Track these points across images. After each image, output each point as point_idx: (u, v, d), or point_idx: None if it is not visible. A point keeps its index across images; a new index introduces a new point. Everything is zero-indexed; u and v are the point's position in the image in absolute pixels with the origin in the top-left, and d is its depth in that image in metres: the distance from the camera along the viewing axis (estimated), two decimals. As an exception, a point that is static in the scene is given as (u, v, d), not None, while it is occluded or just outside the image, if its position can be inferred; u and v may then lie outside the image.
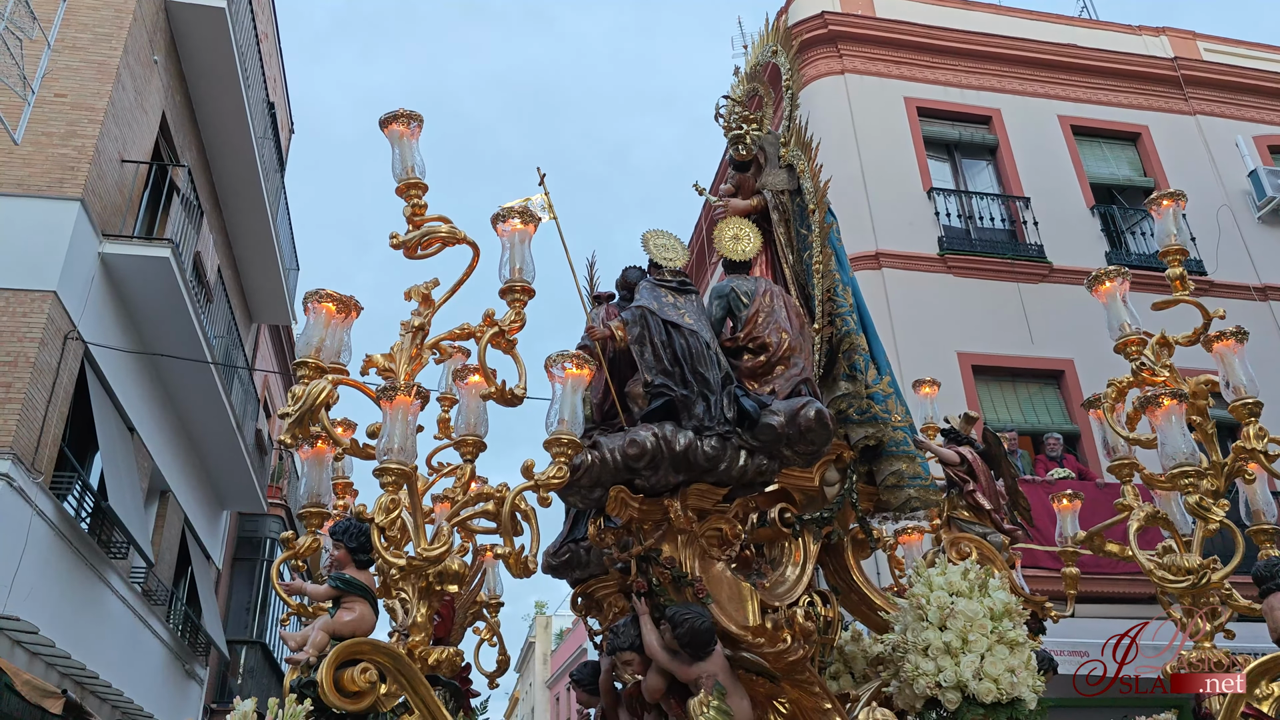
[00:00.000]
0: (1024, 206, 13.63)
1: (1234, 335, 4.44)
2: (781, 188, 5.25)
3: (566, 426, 3.76)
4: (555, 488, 3.72)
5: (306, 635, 3.38)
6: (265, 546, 18.40)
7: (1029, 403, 12.40)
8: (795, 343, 4.60)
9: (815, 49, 14.07)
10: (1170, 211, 4.55)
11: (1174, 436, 4.01)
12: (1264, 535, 4.63)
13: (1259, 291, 13.55)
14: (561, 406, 3.79)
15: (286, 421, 3.49)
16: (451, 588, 4.09)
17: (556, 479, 3.70)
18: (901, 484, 4.76)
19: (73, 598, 9.96)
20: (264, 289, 17.31)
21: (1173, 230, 4.51)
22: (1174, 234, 4.49)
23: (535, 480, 3.72)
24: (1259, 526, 4.66)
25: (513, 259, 3.94)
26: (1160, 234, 4.56)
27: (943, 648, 3.75)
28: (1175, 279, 4.48)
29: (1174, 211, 4.56)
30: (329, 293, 3.78)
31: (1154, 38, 15.89)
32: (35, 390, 9.17)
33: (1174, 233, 4.50)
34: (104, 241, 10.40)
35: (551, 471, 3.71)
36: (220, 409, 13.47)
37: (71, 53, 10.46)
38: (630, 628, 4.11)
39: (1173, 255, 4.48)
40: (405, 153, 4.06)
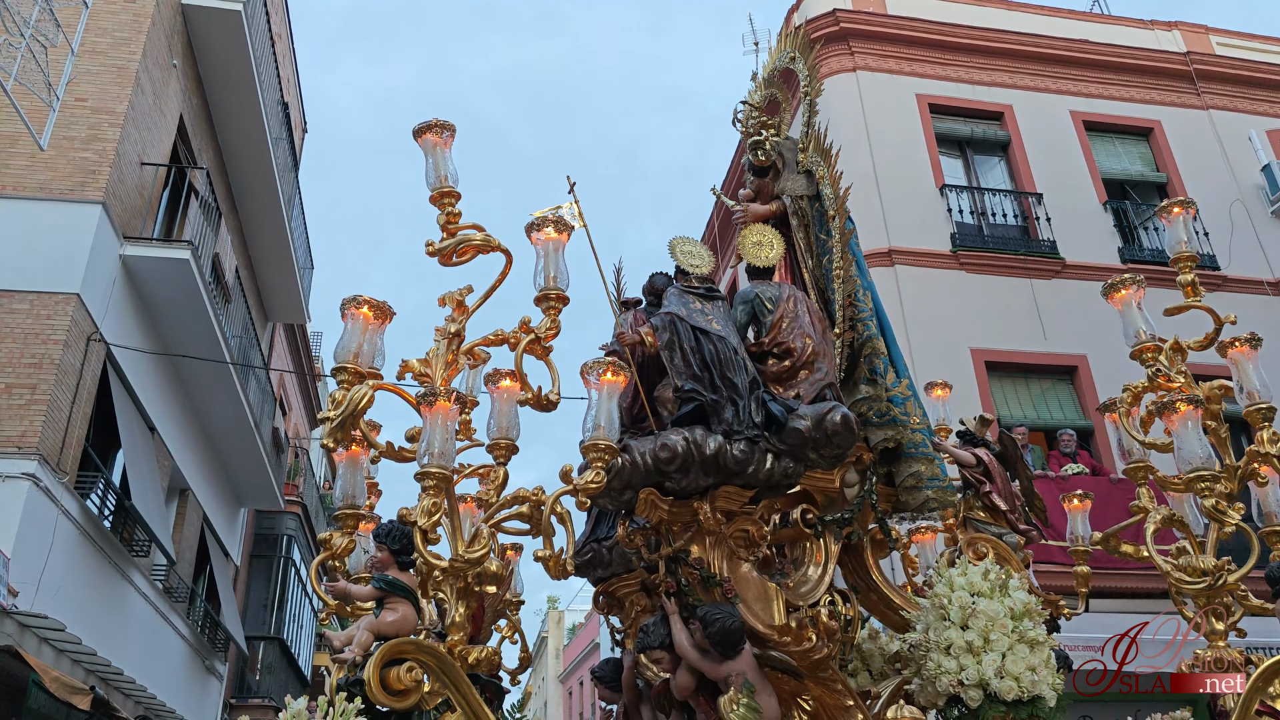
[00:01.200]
0: (1036, 202, 13.66)
1: (1248, 341, 4.51)
2: (800, 193, 5.33)
3: (603, 432, 3.83)
4: (593, 492, 3.80)
5: (351, 635, 3.48)
6: (282, 543, 18.57)
7: (1042, 398, 12.45)
8: (819, 347, 4.69)
9: (827, 46, 14.11)
10: (1181, 219, 4.62)
11: (1190, 441, 4.09)
12: (1276, 537, 4.69)
13: (1272, 286, 13.56)
14: (598, 413, 3.86)
15: (328, 426, 3.58)
16: (490, 588, 4.18)
17: (594, 484, 3.78)
18: (920, 485, 4.84)
19: (97, 595, 10.11)
20: (280, 288, 17.45)
21: (1183, 237, 4.59)
22: (1184, 241, 4.57)
23: (574, 485, 3.80)
24: (1271, 528, 4.73)
25: (547, 267, 4.03)
26: (1171, 241, 4.64)
27: (965, 646, 3.83)
28: (1186, 285, 4.55)
29: (1184, 219, 4.63)
30: (366, 299, 3.88)
31: (1166, 32, 15.87)
32: (60, 392, 9.30)
33: (1184, 240, 4.58)
34: (125, 244, 10.53)
35: (589, 477, 3.79)
36: (238, 408, 13.61)
37: (92, 57, 10.57)
38: (660, 626, 4.19)
39: (1184, 262, 4.56)
40: (439, 162, 4.14)
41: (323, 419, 3.67)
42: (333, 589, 4.03)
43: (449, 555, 3.71)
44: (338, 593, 4.00)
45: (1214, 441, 4.40)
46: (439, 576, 3.85)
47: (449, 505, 3.78)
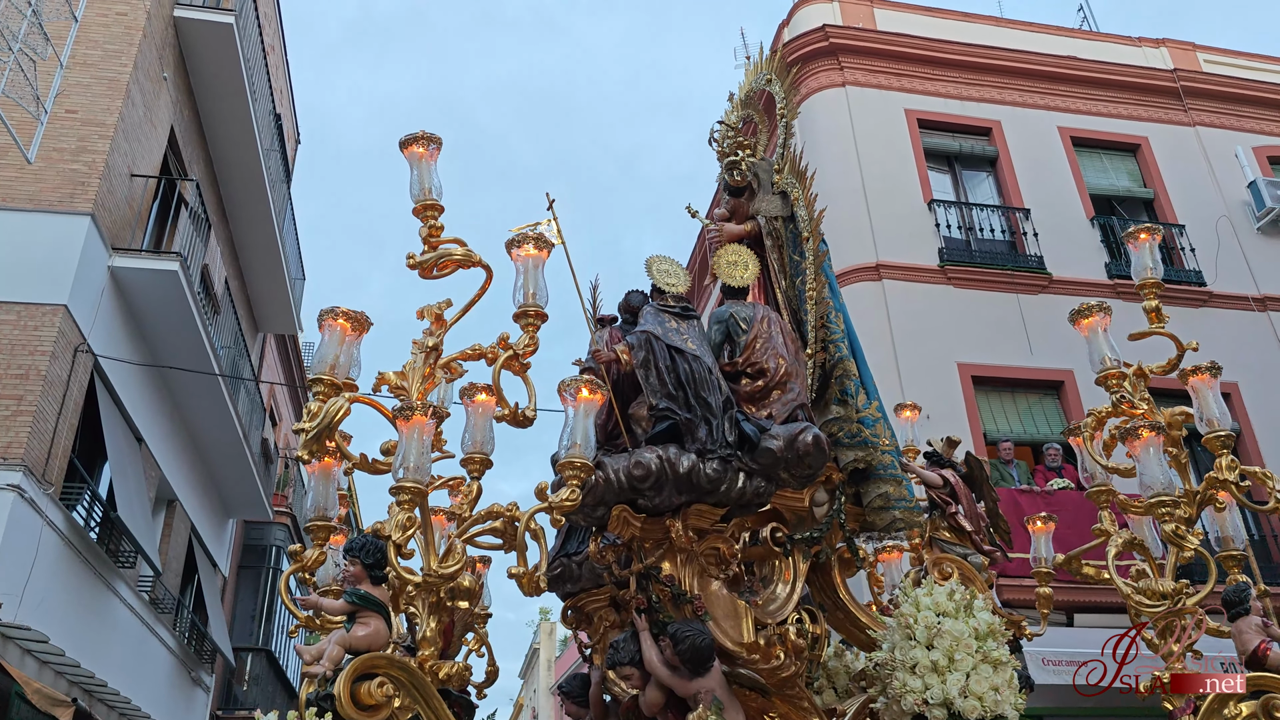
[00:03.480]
0: (1024, 218, 13.74)
1: (1208, 370, 4.60)
2: (775, 214, 5.38)
3: (579, 450, 3.85)
4: (568, 510, 3.82)
5: (322, 649, 3.49)
6: (270, 554, 18.54)
7: (1029, 413, 12.50)
8: (791, 368, 4.74)
9: (817, 61, 14.23)
10: (1147, 245, 4.70)
11: (1152, 466, 4.15)
12: (1232, 561, 4.80)
13: (1258, 302, 13.65)
14: (574, 430, 3.89)
15: (304, 438, 3.61)
16: (463, 603, 4.20)
17: (570, 501, 3.80)
18: (888, 506, 4.90)
19: (81, 607, 10.10)
20: (270, 298, 17.47)
21: (1149, 263, 4.67)
22: (1150, 267, 4.65)
23: (549, 502, 3.82)
24: (1228, 553, 4.83)
25: (526, 284, 4.07)
26: (1137, 268, 4.73)
27: (930, 666, 3.87)
28: (1151, 311, 4.64)
29: (1151, 245, 4.71)
30: (343, 310, 3.90)
31: (1154, 49, 16.00)
32: (46, 403, 9.31)
33: (1150, 266, 4.66)
34: (113, 255, 10.55)
35: (565, 494, 3.81)
36: (227, 418, 13.62)
37: (83, 70, 10.62)
38: (630, 643, 4.22)
39: (1149, 288, 4.64)
40: (423, 174, 4.19)
41: (298, 430, 3.70)
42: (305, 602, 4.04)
43: (421, 569, 3.73)
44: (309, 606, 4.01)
45: (1174, 466, 4.47)
46: (412, 591, 3.88)
47: (423, 520, 3.81)
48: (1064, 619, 10.25)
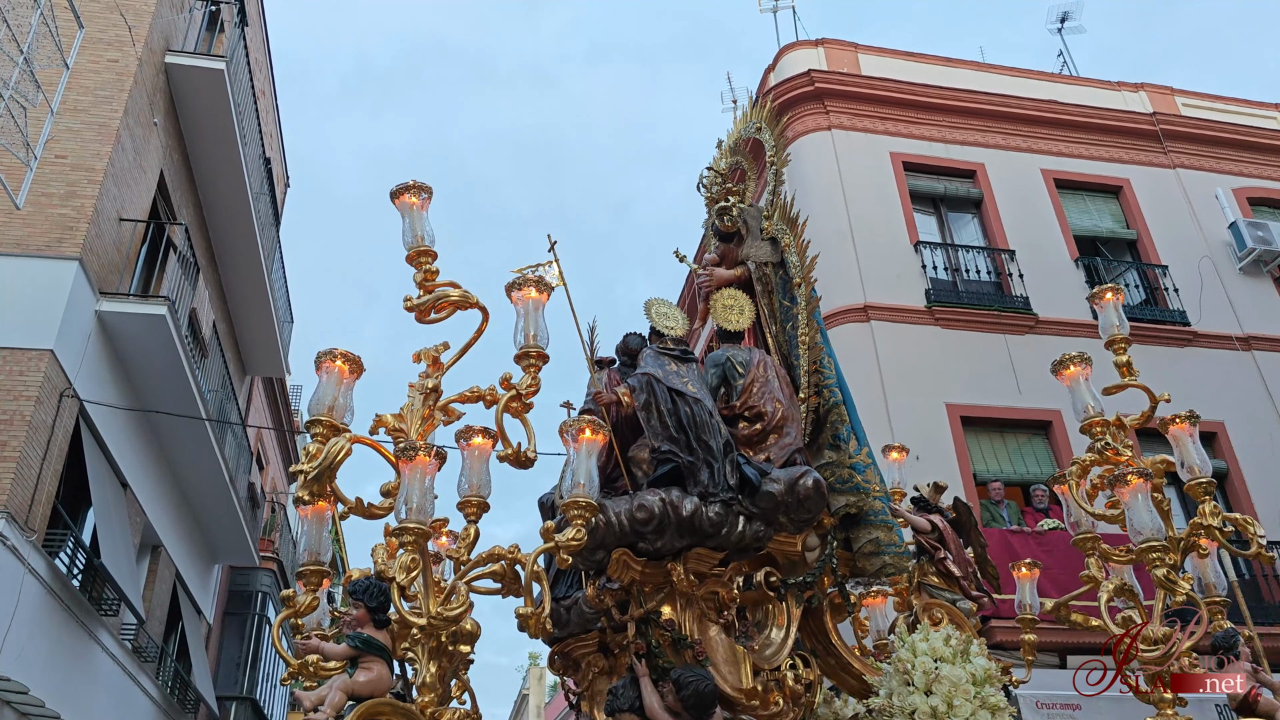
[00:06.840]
0: (1009, 259, 13.86)
1: (1187, 418, 4.68)
2: (765, 260, 5.42)
3: (583, 490, 3.83)
4: (575, 550, 3.78)
5: (323, 695, 3.44)
6: (256, 600, 18.30)
7: (1018, 453, 12.52)
8: (788, 412, 4.76)
9: (802, 105, 14.40)
10: (1111, 305, 4.84)
11: (1141, 512, 4.18)
12: (1215, 606, 4.84)
13: (1241, 341, 13.77)
14: (577, 470, 3.87)
15: (303, 479, 3.57)
16: (464, 648, 4.15)
17: (576, 541, 3.77)
18: (879, 551, 4.91)
19: (63, 656, 9.92)
20: (259, 342, 17.40)
21: (1114, 321, 4.80)
22: (1116, 325, 4.79)
23: (556, 543, 3.79)
24: (1211, 599, 4.87)
25: (527, 326, 4.08)
26: (1104, 325, 4.86)
27: (929, 712, 3.85)
28: (1122, 366, 4.75)
29: (1114, 304, 4.84)
30: (341, 351, 3.89)
31: (1133, 93, 16.26)
32: (30, 449, 9.21)
33: (1115, 324, 4.80)
34: (101, 300, 10.51)
35: (571, 534, 3.78)
36: (214, 463, 13.50)
37: (73, 115, 10.63)
38: (630, 689, 4.18)
39: (1117, 344, 4.77)
40: (415, 222, 4.22)
41: (296, 472, 3.66)
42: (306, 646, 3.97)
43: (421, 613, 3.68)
44: (310, 650, 3.94)
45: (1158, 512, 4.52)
46: (416, 634, 3.83)
47: (424, 562, 3.76)
48: (1057, 660, 10.19)
